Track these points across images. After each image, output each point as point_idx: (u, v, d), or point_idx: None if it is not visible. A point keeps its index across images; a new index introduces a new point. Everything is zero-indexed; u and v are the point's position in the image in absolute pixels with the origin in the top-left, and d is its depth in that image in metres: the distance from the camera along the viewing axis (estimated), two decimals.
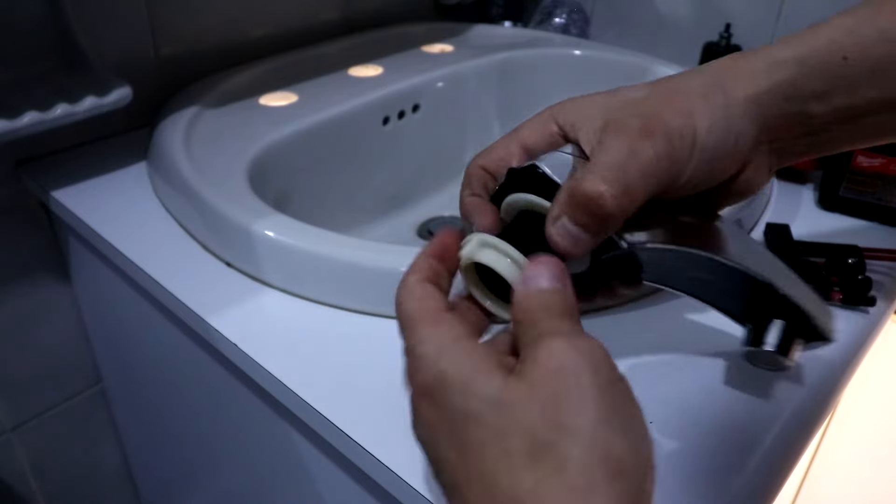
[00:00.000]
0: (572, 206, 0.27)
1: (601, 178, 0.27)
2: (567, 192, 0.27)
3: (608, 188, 0.26)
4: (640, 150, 0.27)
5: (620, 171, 0.27)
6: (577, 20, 0.84)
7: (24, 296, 0.59)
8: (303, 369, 0.37)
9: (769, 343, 0.31)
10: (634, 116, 0.28)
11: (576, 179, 0.27)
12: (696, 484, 0.32)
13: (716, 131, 0.28)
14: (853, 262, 0.44)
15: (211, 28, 0.64)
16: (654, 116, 0.28)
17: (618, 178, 0.27)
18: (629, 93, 0.31)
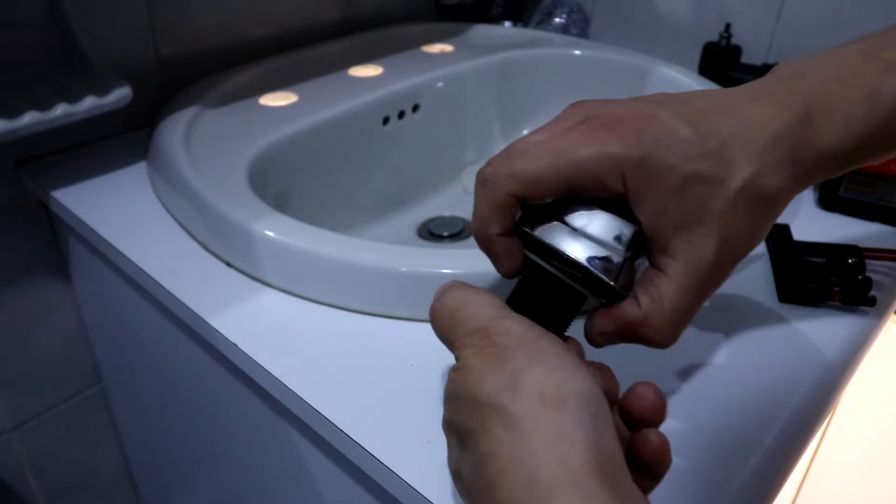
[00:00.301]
0: (621, 332, 0.27)
1: (659, 329, 0.26)
2: (622, 321, 0.27)
3: (664, 340, 0.27)
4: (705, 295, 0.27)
5: (685, 316, 0.26)
6: (577, 20, 0.84)
7: (24, 296, 0.59)
8: (303, 369, 0.37)
9: None
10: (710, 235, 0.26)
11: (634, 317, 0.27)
12: (697, 484, 0.32)
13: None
14: (853, 262, 0.44)
15: (211, 28, 0.64)
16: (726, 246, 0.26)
17: (678, 326, 0.27)
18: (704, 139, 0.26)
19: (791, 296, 0.43)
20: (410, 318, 0.41)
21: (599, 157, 0.25)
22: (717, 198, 0.25)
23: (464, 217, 0.66)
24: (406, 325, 0.41)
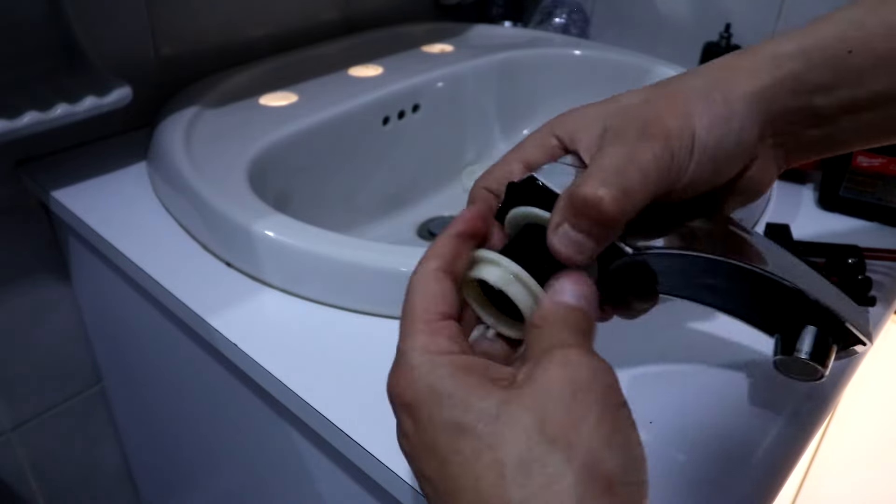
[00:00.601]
0: (572, 213, 0.27)
1: (600, 181, 0.26)
2: (566, 198, 0.27)
3: (607, 191, 0.26)
4: (638, 153, 0.27)
5: (619, 174, 0.26)
6: (577, 20, 0.84)
7: (24, 296, 0.59)
8: (303, 369, 0.37)
9: (803, 351, 0.29)
10: (633, 121, 0.28)
11: (574, 185, 0.27)
12: (697, 484, 0.32)
13: (716, 129, 0.28)
14: (853, 262, 0.44)
15: (211, 28, 0.64)
16: (653, 120, 0.28)
17: (616, 180, 0.26)
18: (627, 99, 0.30)
19: None
20: None
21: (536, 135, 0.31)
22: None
23: None
24: None
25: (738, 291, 0.31)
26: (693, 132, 0.28)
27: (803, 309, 0.29)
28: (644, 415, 0.35)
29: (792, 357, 0.29)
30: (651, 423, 0.34)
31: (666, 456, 0.33)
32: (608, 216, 0.26)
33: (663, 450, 0.33)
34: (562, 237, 0.27)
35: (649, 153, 0.27)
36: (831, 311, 0.29)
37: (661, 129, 0.28)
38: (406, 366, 0.24)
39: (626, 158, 0.27)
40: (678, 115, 0.28)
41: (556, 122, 0.31)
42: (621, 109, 0.30)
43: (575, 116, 0.31)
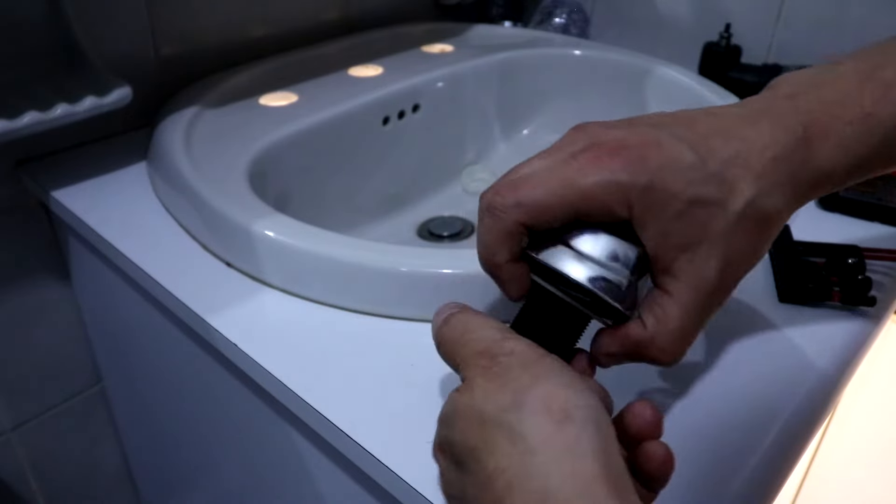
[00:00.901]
0: (627, 353, 0.28)
1: (665, 348, 0.27)
2: (629, 343, 0.27)
3: (671, 360, 0.27)
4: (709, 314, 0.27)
5: (691, 334, 0.27)
6: (577, 20, 0.84)
7: (24, 296, 0.59)
8: (303, 369, 0.37)
9: None
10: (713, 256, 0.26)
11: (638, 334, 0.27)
12: (697, 484, 0.32)
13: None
14: (853, 262, 0.44)
15: (211, 28, 0.64)
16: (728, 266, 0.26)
17: (685, 343, 0.27)
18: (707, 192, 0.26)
19: (791, 296, 0.43)
20: (410, 318, 0.41)
21: (606, 185, 0.26)
22: (719, 220, 0.26)
23: (464, 217, 0.66)
24: (406, 325, 0.41)
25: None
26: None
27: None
28: None
29: None
30: None
31: None
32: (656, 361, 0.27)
33: None
34: (607, 360, 0.28)
35: (717, 308, 0.27)
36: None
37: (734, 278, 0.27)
38: None
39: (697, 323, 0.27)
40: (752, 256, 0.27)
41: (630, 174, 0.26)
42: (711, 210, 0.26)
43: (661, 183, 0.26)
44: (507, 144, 0.75)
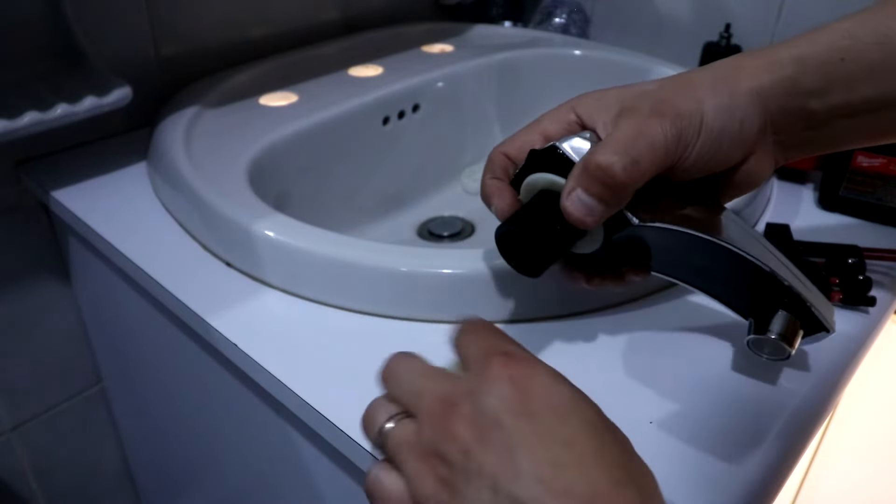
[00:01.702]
0: (586, 178, 0.30)
1: (612, 150, 0.29)
2: (581, 165, 0.30)
3: (618, 159, 0.29)
4: (649, 128, 0.30)
5: (630, 144, 0.30)
6: (577, 20, 0.84)
7: (24, 296, 0.59)
8: (303, 369, 0.37)
9: (773, 331, 0.33)
10: (646, 101, 0.31)
11: (589, 153, 0.30)
12: (697, 483, 0.32)
13: (721, 115, 0.31)
14: (853, 262, 0.44)
15: (211, 28, 0.64)
16: (665, 101, 0.31)
17: (627, 150, 0.29)
18: (643, 86, 0.33)
19: None
20: (410, 318, 0.41)
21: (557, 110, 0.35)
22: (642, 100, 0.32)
23: (464, 217, 0.66)
24: (406, 325, 0.41)
25: (723, 274, 0.35)
26: (701, 116, 0.31)
27: (778, 295, 0.33)
28: (644, 415, 0.35)
29: (764, 336, 0.33)
30: (651, 423, 0.34)
31: (665, 456, 0.33)
32: (618, 181, 0.29)
33: (662, 450, 0.33)
34: (574, 200, 0.30)
35: (658, 128, 0.30)
36: (801, 298, 0.32)
37: (671, 108, 0.31)
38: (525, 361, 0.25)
39: (636, 131, 0.30)
40: (688, 100, 0.31)
41: (576, 100, 0.35)
42: (637, 93, 0.33)
43: (595, 96, 0.34)
44: None
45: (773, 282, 0.32)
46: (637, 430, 0.24)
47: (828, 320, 0.33)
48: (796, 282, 0.32)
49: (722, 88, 0.31)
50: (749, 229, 0.34)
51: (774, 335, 0.32)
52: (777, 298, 0.33)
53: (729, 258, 0.32)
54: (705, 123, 0.31)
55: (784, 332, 0.32)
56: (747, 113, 0.31)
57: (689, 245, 0.33)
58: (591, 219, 0.30)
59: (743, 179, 0.33)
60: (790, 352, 0.33)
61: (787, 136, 0.33)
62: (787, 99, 0.31)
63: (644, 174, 0.30)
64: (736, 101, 0.31)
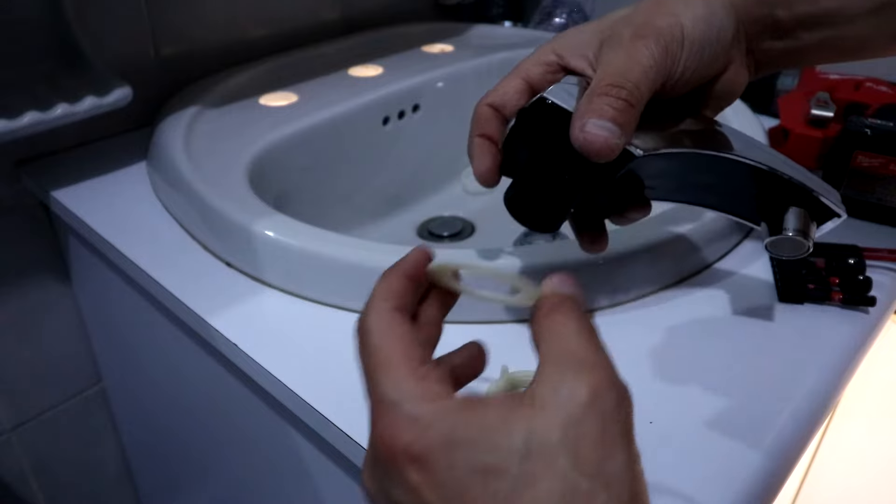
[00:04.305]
0: (597, 104, 0.29)
1: (612, 79, 0.30)
2: (586, 98, 0.30)
3: (622, 84, 0.29)
4: (636, 52, 0.30)
5: (626, 71, 0.30)
6: (577, 20, 0.84)
7: (24, 296, 0.59)
8: (303, 369, 0.37)
9: (789, 228, 0.33)
10: (625, 28, 0.32)
11: (590, 88, 0.30)
12: (697, 484, 0.32)
13: (699, 25, 0.32)
14: (853, 262, 0.44)
15: (211, 28, 0.64)
16: (643, 23, 0.31)
17: (625, 76, 0.30)
18: (617, 13, 0.34)
19: (791, 296, 0.43)
20: None
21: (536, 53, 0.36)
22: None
23: (464, 217, 0.66)
24: None
25: (726, 186, 0.35)
26: (681, 27, 0.31)
27: (782, 192, 0.33)
28: (644, 415, 0.35)
29: (780, 236, 0.33)
30: (651, 424, 0.34)
31: (665, 456, 0.33)
32: (629, 101, 0.29)
33: (663, 450, 0.33)
34: (592, 129, 0.29)
35: (644, 49, 0.31)
36: (806, 189, 0.33)
37: (651, 28, 0.31)
38: (404, 417, 0.22)
39: (626, 58, 0.30)
40: (665, 15, 0.32)
41: (554, 41, 0.35)
42: (612, 21, 0.33)
43: (572, 33, 0.35)
44: None
45: (778, 180, 0.32)
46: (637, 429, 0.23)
47: (837, 205, 0.33)
48: (799, 175, 0.33)
49: (695, 0, 0.32)
50: (740, 134, 0.34)
51: (791, 232, 0.33)
52: (784, 196, 0.33)
53: (732, 168, 0.33)
54: (686, 35, 0.31)
55: (799, 227, 0.33)
56: (723, 20, 0.32)
57: (689, 165, 0.33)
58: (614, 142, 0.29)
59: (724, 90, 0.34)
60: (808, 245, 0.33)
61: (757, 46, 0.34)
62: (756, 6, 0.33)
63: (645, 96, 0.30)
64: (710, 9, 0.32)
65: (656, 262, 0.43)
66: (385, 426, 0.22)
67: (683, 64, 0.31)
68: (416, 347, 0.24)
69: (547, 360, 0.22)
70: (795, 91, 0.62)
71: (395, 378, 0.23)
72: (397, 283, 0.26)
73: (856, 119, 0.50)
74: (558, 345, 0.23)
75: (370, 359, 0.24)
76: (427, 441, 0.21)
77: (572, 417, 0.20)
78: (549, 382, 0.21)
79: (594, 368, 0.22)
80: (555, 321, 0.23)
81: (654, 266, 0.43)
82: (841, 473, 0.81)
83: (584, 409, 0.20)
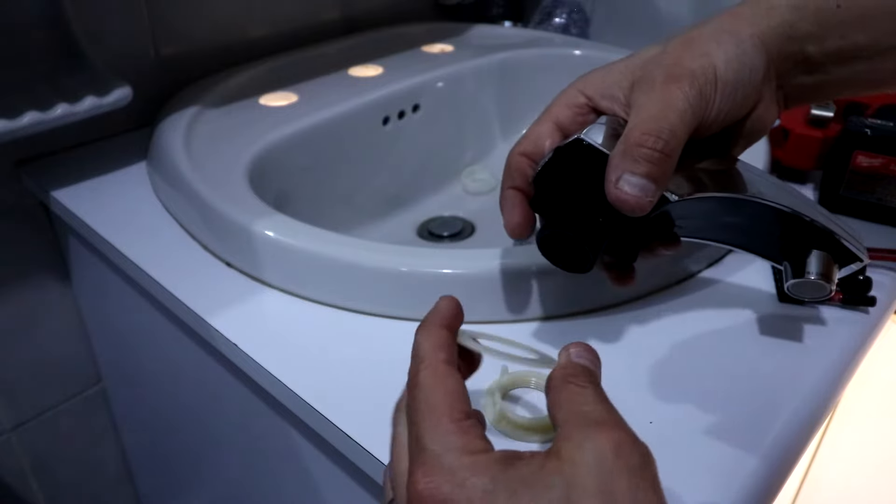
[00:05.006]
0: (629, 160, 0.29)
1: (647, 128, 0.29)
2: (620, 149, 0.30)
3: (658, 133, 0.29)
4: (671, 97, 0.30)
5: (662, 119, 0.29)
6: (577, 20, 0.84)
7: (24, 296, 0.59)
8: (303, 369, 0.37)
9: (812, 272, 0.33)
10: (657, 69, 0.31)
11: (624, 136, 0.30)
12: (697, 484, 0.32)
13: (733, 65, 0.31)
14: None
15: (211, 28, 0.64)
16: (675, 64, 0.31)
17: (661, 125, 0.29)
18: (646, 52, 0.33)
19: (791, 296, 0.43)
20: (410, 318, 0.41)
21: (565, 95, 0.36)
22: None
23: (464, 217, 0.66)
24: (406, 325, 0.41)
25: (751, 226, 0.35)
26: (714, 69, 0.31)
27: (805, 235, 0.33)
28: (644, 415, 0.35)
29: (803, 279, 0.33)
30: (651, 424, 0.34)
31: (665, 456, 0.33)
32: (665, 153, 0.29)
33: (662, 451, 0.33)
34: (625, 185, 0.29)
35: (679, 93, 0.30)
36: (829, 232, 0.33)
37: (684, 70, 0.31)
38: (446, 468, 0.22)
39: (661, 103, 0.30)
40: (697, 56, 0.31)
41: (581, 82, 0.35)
42: (643, 62, 0.33)
43: (600, 74, 0.34)
44: (506, 144, 0.75)
45: (801, 223, 0.33)
46: (637, 429, 0.24)
47: (858, 248, 0.33)
48: (823, 218, 0.33)
49: (726, 39, 0.31)
50: (764, 174, 0.34)
51: (813, 276, 0.33)
52: (808, 238, 0.33)
53: (757, 211, 0.33)
54: (719, 77, 0.31)
55: (821, 271, 0.33)
56: (755, 58, 0.32)
57: (717, 207, 0.33)
58: (648, 200, 0.29)
59: (753, 128, 0.34)
60: (830, 288, 0.33)
61: (787, 81, 0.33)
62: (786, 43, 0.32)
63: (680, 143, 0.30)
64: (741, 48, 0.31)
65: (656, 263, 0.43)
66: (425, 474, 0.22)
67: (718, 106, 0.31)
68: (464, 402, 0.25)
69: (566, 422, 0.23)
70: None
71: (441, 430, 0.23)
72: (445, 336, 0.27)
73: (856, 119, 0.50)
74: (576, 408, 0.24)
75: (420, 406, 0.25)
76: (467, 493, 0.21)
77: (604, 469, 0.21)
78: (573, 440, 0.22)
79: (615, 427, 0.22)
80: (570, 390, 0.25)
81: (653, 267, 0.43)
82: (841, 473, 0.81)
83: (613, 463, 0.21)
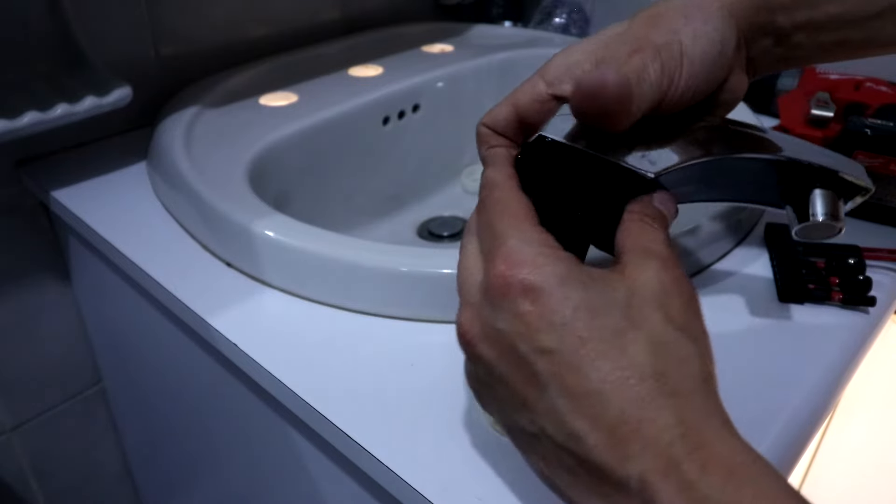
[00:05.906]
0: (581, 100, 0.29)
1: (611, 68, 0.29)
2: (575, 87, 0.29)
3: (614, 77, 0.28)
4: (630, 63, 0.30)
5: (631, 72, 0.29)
6: (577, 20, 0.84)
7: (24, 296, 0.59)
8: (303, 369, 0.37)
9: (817, 213, 0.32)
10: (622, 47, 0.31)
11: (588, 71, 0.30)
12: None
13: (700, 41, 0.31)
14: (853, 262, 0.44)
15: (211, 28, 0.64)
16: (640, 40, 0.31)
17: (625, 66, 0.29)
18: (610, 30, 0.33)
19: (791, 296, 0.43)
20: (410, 318, 0.41)
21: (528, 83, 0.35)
22: None
23: (464, 217, 0.66)
24: (406, 325, 0.41)
25: (744, 181, 0.34)
26: (680, 44, 0.30)
27: (805, 176, 0.32)
28: None
29: (809, 223, 0.32)
30: None
31: None
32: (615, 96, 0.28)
33: None
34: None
35: (639, 61, 0.30)
36: (828, 170, 0.32)
37: (649, 44, 0.30)
38: (525, 254, 0.24)
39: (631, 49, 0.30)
40: (663, 32, 0.31)
41: (544, 67, 0.34)
42: (608, 40, 0.32)
43: (562, 58, 0.34)
44: None
45: (798, 166, 0.32)
46: None
47: (861, 180, 0.32)
48: (819, 156, 0.32)
49: (694, 13, 0.31)
50: (746, 126, 0.33)
51: (820, 217, 0.32)
52: (807, 180, 0.32)
53: (747, 165, 0.32)
54: (685, 53, 0.30)
55: (827, 210, 0.32)
56: (725, 31, 0.31)
57: (704, 170, 0.32)
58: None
59: (726, 98, 0.33)
60: (840, 226, 0.32)
61: (757, 52, 0.34)
62: (756, 13, 0.32)
63: (640, 108, 0.29)
64: (711, 23, 0.31)
65: None
66: (504, 260, 0.25)
67: (685, 82, 0.31)
68: (535, 216, 0.27)
69: (632, 250, 0.26)
70: (795, 91, 0.62)
71: (520, 226, 0.26)
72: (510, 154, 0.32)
73: (856, 119, 0.50)
74: (644, 243, 0.26)
75: (496, 206, 0.27)
76: (545, 275, 0.24)
77: (662, 290, 0.24)
78: (637, 264, 0.25)
79: (675, 266, 0.25)
80: (643, 225, 0.27)
81: None
82: (841, 473, 0.81)
83: (670, 286, 0.25)
